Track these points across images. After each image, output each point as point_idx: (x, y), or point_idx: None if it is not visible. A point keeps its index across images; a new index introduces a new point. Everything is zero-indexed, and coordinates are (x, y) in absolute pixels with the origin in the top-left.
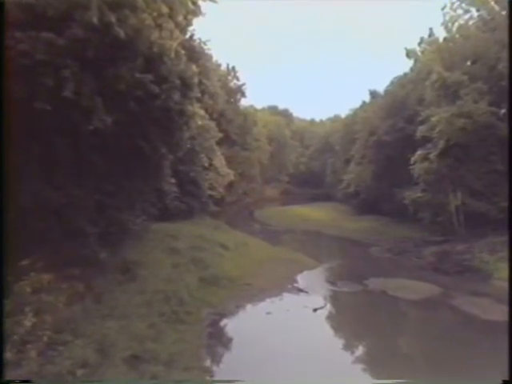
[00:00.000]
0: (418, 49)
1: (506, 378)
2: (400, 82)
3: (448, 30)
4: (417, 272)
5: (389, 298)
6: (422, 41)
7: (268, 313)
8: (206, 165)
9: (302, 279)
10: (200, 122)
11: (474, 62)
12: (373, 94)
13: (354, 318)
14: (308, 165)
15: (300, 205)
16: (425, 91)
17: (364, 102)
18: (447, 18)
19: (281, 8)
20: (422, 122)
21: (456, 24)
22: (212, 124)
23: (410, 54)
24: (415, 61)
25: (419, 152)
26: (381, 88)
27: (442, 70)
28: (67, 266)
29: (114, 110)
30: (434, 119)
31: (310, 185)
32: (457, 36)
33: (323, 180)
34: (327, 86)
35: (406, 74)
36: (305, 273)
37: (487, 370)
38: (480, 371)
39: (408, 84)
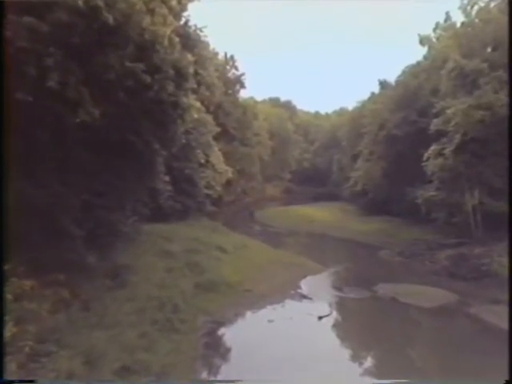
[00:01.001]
0: (432, 35)
1: (507, 378)
2: (412, 72)
3: (466, 13)
4: (430, 277)
5: (399, 305)
6: (437, 26)
7: (269, 321)
8: (203, 161)
9: (305, 285)
10: (196, 116)
11: (494, 49)
12: (383, 84)
13: (362, 326)
14: (312, 161)
15: (303, 204)
16: (440, 81)
17: (373, 94)
18: (466, 0)
19: None
20: (436, 115)
21: (475, 7)
22: (209, 117)
23: (423, 40)
24: (429, 48)
25: (433, 147)
26: (391, 78)
27: (459, 58)
28: (51, 270)
29: (102, 102)
30: (449, 111)
31: (315, 183)
32: (476, 20)
33: (328, 178)
34: (333, 76)
35: (419, 63)
36: (309, 278)
37: None
38: None
39: (421, 73)
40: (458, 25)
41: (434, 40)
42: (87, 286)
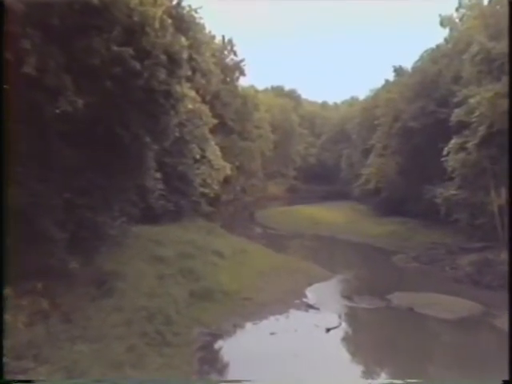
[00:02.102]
0: (455, 15)
1: (506, 378)
2: (431, 57)
3: None
4: (451, 285)
5: (417, 316)
6: (460, 5)
7: (272, 333)
8: (198, 157)
9: (312, 293)
10: (190, 106)
11: None
12: (398, 71)
13: (375, 340)
14: (319, 157)
15: (309, 204)
16: (462, 66)
17: (387, 82)
18: None
19: None
20: (457, 104)
21: None
22: (205, 108)
23: (444, 21)
24: (451, 30)
25: (454, 140)
26: (408, 64)
27: (485, 40)
28: (29, 278)
29: (86, 91)
30: (473, 100)
31: (322, 181)
32: None
33: (337, 175)
34: (343, 63)
35: (438, 47)
36: (315, 285)
37: None
38: None
39: (441, 58)
40: (485, 2)
41: (456, 21)
42: (69, 295)
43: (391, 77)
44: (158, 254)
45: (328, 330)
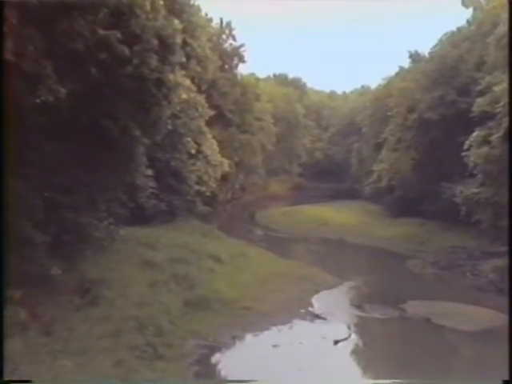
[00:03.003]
0: None
1: (506, 378)
2: (452, 40)
3: None
4: (473, 293)
5: (434, 328)
6: None
7: (274, 346)
8: (193, 152)
9: (318, 302)
10: (185, 96)
11: None
12: (414, 56)
13: (388, 354)
14: (326, 152)
15: (316, 204)
16: (486, 51)
17: (402, 69)
18: None
19: None
20: (481, 93)
21: None
22: (200, 98)
23: (467, 0)
24: (474, 10)
25: (476, 133)
26: (425, 49)
27: None
28: (6, 285)
29: (68, 79)
30: (497, 88)
31: (329, 178)
32: None
33: (346, 171)
34: (352, 48)
35: (460, 30)
36: (322, 293)
37: None
38: None
39: (463, 42)
40: None
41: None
42: (50, 305)
43: (406, 63)
44: (149, 259)
45: (336, 342)
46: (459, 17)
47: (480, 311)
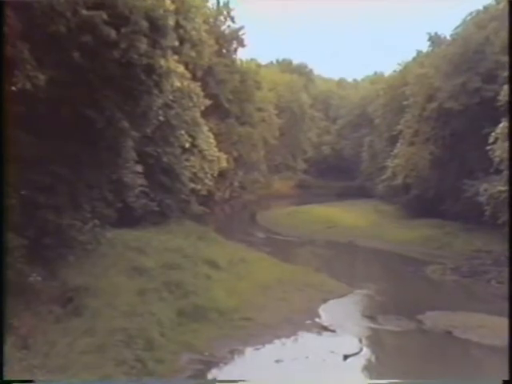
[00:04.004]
0: None
1: (506, 378)
2: (477, 21)
3: None
4: (498, 303)
5: (456, 341)
6: None
7: (277, 361)
8: (187, 146)
9: (326, 312)
10: (178, 84)
11: None
12: (433, 39)
13: (404, 371)
14: (335, 146)
15: (323, 204)
16: None
17: (419, 53)
18: None
19: None
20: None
21: None
22: (195, 86)
23: None
24: None
25: (503, 124)
26: (446, 31)
27: None
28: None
29: (48, 64)
30: None
31: (338, 175)
32: None
33: (357, 168)
34: (363, 30)
35: (486, 9)
36: (331, 303)
37: None
38: None
39: (490, 22)
40: None
41: None
42: (27, 315)
43: (425, 47)
44: (139, 265)
45: (346, 357)
46: None
47: (507, 323)
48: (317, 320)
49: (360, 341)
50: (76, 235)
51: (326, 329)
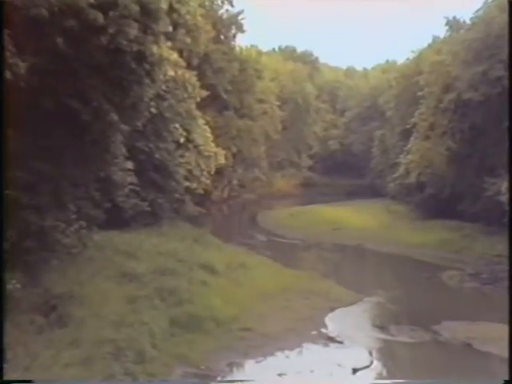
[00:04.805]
0: None
1: (507, 378)
2: (500, 3)
3: None
4: None
5: (476, 355)
6: None
7: (280, 374)
8: (181, 140)
9: (333, 322)
10: (171, 73)
11: None
12: (451, 24)
13: None
14: (343, 140)
15: (330, 203)
16: None
17: (436, 39)
18: None
19: None
20: None
21: None
22: (190, 75)
23: None
24: None
25: None
26: (465, 15)
27: None
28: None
29: (29, 51)
30: None
31: (346, 172)
32: None
33: (367, 164)
34: (374, 14)
35: None
36: (338, 312)
37: None
38: None
39: None
40: None
41: None
42: (7, 325)
43: (442, 32)
44: (129, 270)
45: (355, 370)
46: None
47: None
48: (323, 330)
49: (370, 353)
50: (60, 238)
51: (332, 340)
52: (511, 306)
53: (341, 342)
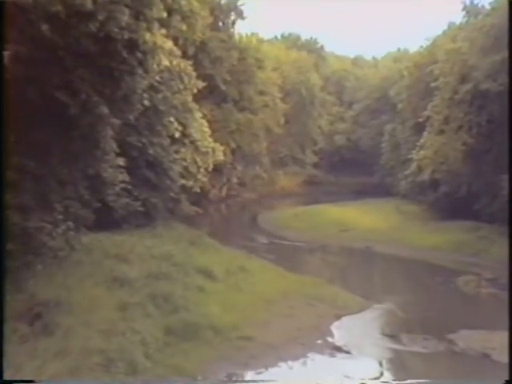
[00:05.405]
0: None
1: (507, 378)
2: None
3: None
4: None
5: (495, 366)
6: None
7: None
8: (177, 135)
9: (340, 330)
10: (166, 62)
11: None
12: (469, 9)
13: None
14: (350, 135)
15: (336, 203)
16: None
17: (452, 25)
18: None
19: None
20: None
21: None
22: (187, 65)
23: None
24: None
25: None
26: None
27: None
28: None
29: (11, 38)
30: None
31: (354, 169)
32: None
33: (376, 161)
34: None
35: None
36: (345, 319)
37: None
38: None
39: None
40: None
41: None
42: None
43: (458, 19)
44: (120, 275)
45: (364, 382)
46: None
47: None
48: (329, 339)
49: (380, 364)
50: (45, 240)
51: (339, 350)
52: (511, 307)
53: (348, 352)
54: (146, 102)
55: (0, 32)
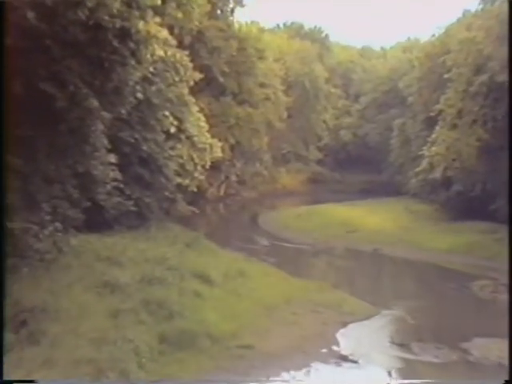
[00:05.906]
0: None
1: (507, 378)
2: None
3: None
4: None
5: None
6: None
7: None
8: (172, 130)
9: (346, 338)
10: (160, 52)
11: None
12: None
13: None
14: (357, 130)
15: (342, 203)
16: None
17: (466, 13)
18: None
19: None
20: None
21: None
22: (182, 55)
23: None
24: None
25: None
26: None
27: None
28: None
29: None
30: None
31: (361, 166)
32: None
33: (384, 158)
34: None
35: None
36: (352, 327)
37: None
38: None
39: None
40: None
41: None
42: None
43: (473, 6)
44: (111, 279)
45: None
46: None
47: None
48: (334, 348)
49: (389, 374)
50: (32, 242)
51: (345, 359)
52: (511, 308)
53: (355, 362)
54: (139, 95)
55: (0, 32)
